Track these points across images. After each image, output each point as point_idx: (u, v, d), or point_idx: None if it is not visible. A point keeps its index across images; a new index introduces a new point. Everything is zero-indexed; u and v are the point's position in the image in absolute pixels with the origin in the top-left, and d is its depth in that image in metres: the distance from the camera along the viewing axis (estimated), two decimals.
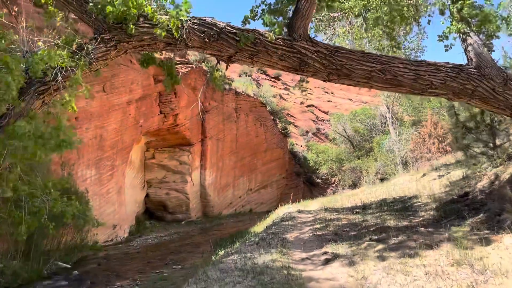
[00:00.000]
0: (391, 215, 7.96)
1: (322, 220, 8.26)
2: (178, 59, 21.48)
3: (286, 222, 8.66)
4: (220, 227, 21.09)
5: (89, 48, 4.92)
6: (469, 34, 6.21)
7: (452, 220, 6.40)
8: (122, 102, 17.21)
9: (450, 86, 6.05)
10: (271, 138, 33.02)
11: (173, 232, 19.07)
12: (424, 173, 14.78)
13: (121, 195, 17.62)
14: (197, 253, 13.48)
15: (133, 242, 16.41)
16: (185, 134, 21.62)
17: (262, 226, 12.31)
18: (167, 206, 22.55)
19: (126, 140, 17.74)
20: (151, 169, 22.23)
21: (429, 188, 10.38)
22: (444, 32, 6.21)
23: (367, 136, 34.43)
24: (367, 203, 10.78)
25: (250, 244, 6.43)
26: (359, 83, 6.04)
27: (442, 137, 21.87)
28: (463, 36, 6.22)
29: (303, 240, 6.46)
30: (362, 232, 6.38)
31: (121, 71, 17.17)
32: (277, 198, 33.73)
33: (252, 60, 5.58)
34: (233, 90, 28.06)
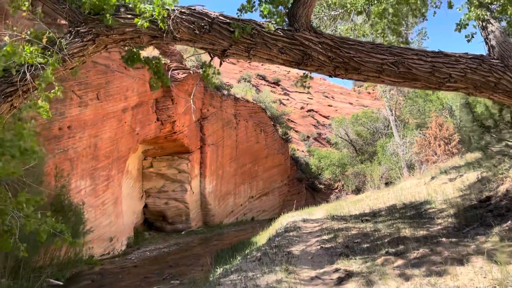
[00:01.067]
0: (405, 223, 7.30)
1: (330, 230, 7.62)
2: (174, 64, 20.95)
3: (291, 232, 8.01)
4: (221, 237, 20.39)
5: (63, 42, 4.31)
6: (489, 21, 5.61)
7: (475, 228, 5.76)
8: (117, 109, 16.64)
9: (470, 79, 5.44)
10: (271, 144, 32.40)
11: (173, 243, 18.37)
12: (433, 176, 14.14)
13: (118, 206, 16.97)
14: (197, 266, 12.81)
15: (130, 255, 15.73)
16: (183, 141, 21.01)
17: (265, 237, 11.64)
18: (166, 216, 21.88)
19: (122, 149, 17.13)
20: (149, 178, 21.59)
21: (442, 193, 9.73)
22: (462, 20, 5.61)
23: (370, 140, 33.79)
24: (376, 210, 10.12)
25: (251, 260, 5.79)
26: (369, 78, 5.43)
27: (448, 139, 21.25)
28: (483, 23, 5.62)
29: (311, 254, 5.82)
30: (376, 244, 5.73)
31: (116, 78, 16.62)
32: (280, 205, 33.03)
33: (249, 54, 4.97)
34: (232, 96, 27.51)
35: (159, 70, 5.12)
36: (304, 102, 57.51)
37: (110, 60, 16.48)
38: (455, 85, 5.49)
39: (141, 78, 18.37)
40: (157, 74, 5.10)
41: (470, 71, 5.38)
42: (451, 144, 20.90)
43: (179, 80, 20.19)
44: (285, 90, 58.75)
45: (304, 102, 57.39)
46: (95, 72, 15.56)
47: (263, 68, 64.70)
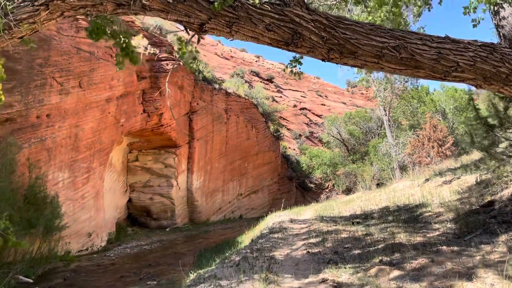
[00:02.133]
0: (399, 227, 6.74)
1: (318, 232, 7.03)
2: (163, 55, 20.22)
3: (276, 234, 7.38)
4: (207, 234, 19.76)
5: (8, 6, 3.63)
6: (502, 5, 5.04)
7: (478, 236, 5.19)
8: (101, 99, 15.90)
9: (480, 69, 4.85)
10: (262, 140, 31.78)
11: (156, 240, 17.70)
12: (427, 178, 13.61)
13: (99, 200, 16.24)
14: (178, 265, 12.10)
15: (110, 252, 15.03)
16: (170, 135, 20.30)
17: (249, 237, 11.04)
18: (151, 212, 21.18)
19: (105, 140, 16.40)
20: (134, 172, 20.86)
21: (438, 195, 9.19)
22: (471, 2, 5.04)
23: (363, 140, 33.31)
24: (367, 212, 9.56)
25: (229, 265, 5.17)
26: (367, 64, 4.81)
27: (442, 140, 20.80)
28: (495, 8, 5.04)
29: (295, 260, 5.22)
30: (369, 250, 5.14)
31: (100, 66, 15.88)
32: (269, 204, 32.46)
33: (231, 30, 4.32)
34: (223, 90, 26.81)
35: (127, 46, 4.47)
36: (297, 100, 56.96)
37: (95, 47, 15.73)
38: (462, 76, 4.90)
39: (128, 68, 17.58)
40: (124, 50, 4.44)
41: (479, 60, 4.80)
42: (445, 146, 20.46)
43: (168, 71, 19.45)
44: (278, 87, 58.12)
45: (297, 100, 56.84)
46: (78, 59, 14.82)
47: (257, 64, 64.02)
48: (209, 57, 49.45)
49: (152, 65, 19.36)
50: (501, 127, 6.46)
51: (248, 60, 63.80)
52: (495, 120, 6.51)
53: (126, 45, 4.36)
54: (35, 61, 12.99)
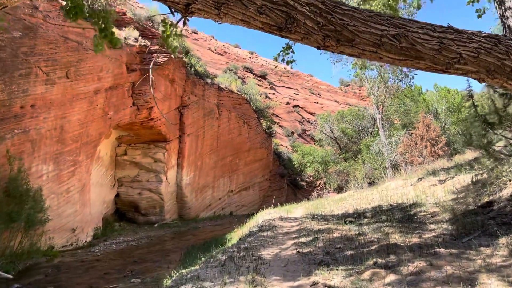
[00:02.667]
0: (393, 227, 6.48)
1: (309, 231, 6.75)
2: (155, 47, 19.79)
3: (265, 232, 7.07)
4: (195, 231, 19.43)
5: None
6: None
7: (477, 238, 4.94)
8: (89, 90, 15.46)
9: (483, 62, 4.58)
10: (254, 137, 31.46)
11: (143, 236, 17.33)
12: (420, 177, 13.41)
13: (85, 194, 15.83)
14: (164, 262, 11.84)
15: (95, 248, 14.64)
16: (160, 129, 19.90)
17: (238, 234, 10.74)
18: (139, 207, 20.78)
19: (92, 133, 15.97)
20: (123, 167, 20.44)
21: (432, 195, 8.97)
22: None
23: (355, 138, 33.14)
24: (360, 211, 9.30)
25: (214, 265, 4.87)
26: (365, 53, 4.51)
27: (435, 140, 20.66)
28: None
29: (284, 260, 4.92)
30: (362, 251, 4.87)
31: (89, 57, 15.43)
32: (260, 201, 32.19)
33: (220, 12, 3.98)
34: (215, 85, 26.42)
35: (107, 27, 4.10)
36: (290, 98, 56.71)
37: (83, 37, 15.29)
38: (464, 68, 4.62)
39: (117, 59, 17.19)
40: (103, 31, 4.08)
41: (484, 52, 4.52)
42: (437, 146, 20.32)
43: (159, 64, 19.05)
44: (271, 84, 57.83)
45: (290, 98, 56.59)
46: (65, 49, 14.36)
47: (250, 60, 63.62)
48: (202, 52, 48.95)
49: (142, 57, 18.92)
50: (500, 125, 6.22)
51: (242, 56, 63.40)
52: (494, 118, 6.26)
53: (105, 26, 4.01)
54: (19, 50, 12.54)
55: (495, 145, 6.40)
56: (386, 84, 22.87)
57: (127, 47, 17.90)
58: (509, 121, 6.23)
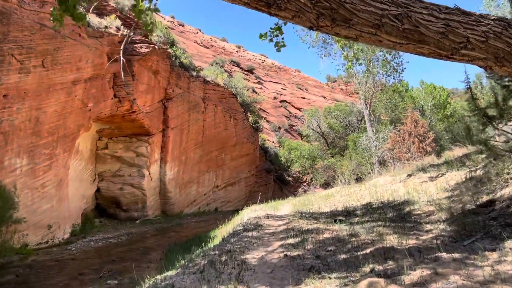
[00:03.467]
0: (387, 227, 6.06)
1: (297, 231, 6.29)
2: (138, 37, 19.07)
3: (250, 232, 6.57)
4: (179, 227, 18.87)
5: None
6: None
7: (479, 241, 4.54)
8: (67, 81, 14.73)
9: (492, 47, 4.15)
10: (241, 132, 30.93)
11: (124, 233, 16.70)
12: (409, 173, 13.10)
13: (62, 189, 15.13)
14: (144, 261, 11.29)
15: (72, 245, 13.99)
16: (143, 122, 19.22)
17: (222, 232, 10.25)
18: (120, 203, 20.11)
19: (71, 125, 15.25)
20: (104, 161, 19.71)
21: (424, 192, 8.61)
22: None
23: (342, 134, 32.88)
24: (350, 208, 8.89)
25: (192, 271, 4.36)
26: (362, 35, 4.04)
27: (423, 136, 20.46)
28: None
29: (271, 265, 4.46)
30: (356, 255, 4.43)
31: (67, 45, 14.68)
32: (246, 196, 31.75)
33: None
34: (201, 78, 25.76)
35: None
36: (278, 92, 56.26)
37: None
38: (472, 54, 4.19)
39: (98, 49, 16.45)
40: (64, 3, 3.50)
41: (493, 36, 4.09)
42: (425, 142, 20.12)
43: (142, 54, 18.35)
44: (259, 78, 57.26)
45: (277, 92, 56.13)
46: (41, 36, 13.60)
47: (237, 54, 62.91)
48: (188, 45, 48.09)
49: (125, 47, 18.17)
50: (501, 119, 5.83)
51: (229, 50, 62.63)
52: (494, 111, 5.88)
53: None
54: None
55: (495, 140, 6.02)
56: (375, 79, 22.55)
57: (108, 36, 17.14)
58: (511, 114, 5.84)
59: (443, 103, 33.69)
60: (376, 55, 21.39)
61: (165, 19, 54.20)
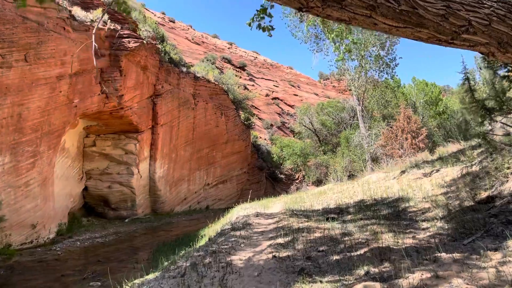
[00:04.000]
0: (381, 225, 5.77)
1: (287, 229, 5.98)
2: (125, 32, 18.60)
3: (238, 231, 6.22)
4: (169, 226, 18.50)
5: None
6: None
7: (480, 239, 4.27)
8: (51, 76, 14.27)
9: (495, 31, 3.86)
10: (232, 129, 30.57)
11: (112, 232, 16.30)
12: (403, 170, 12.86)
13: (47, 187, 14.67)
14: (131, 262, 10.90)
15: (57, 245, 13.56)
16: (131, 119, 18.78)
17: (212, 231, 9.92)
18: (109, 201, 19.67)
19: (55, 122, 14.78)
20: (91, 159, 19.25)
21: (420, 189, 8.35)
22: None
23: (335, 130, 32.64)
24: (342, 206, 8.60)
25: (173, 275, 4.02)
26: (356, 17, 3.73)
27: (416, 132, 20.27)
28: None
29: (258, 267, 4.14)
30: (349, 256, 4.12)
31: (51, 39, 14.23)
32: (237, 194, 31.40)
33: None
34: (191, 74, 25.34)
35: None
36: (270, 89, 55.93)
37: (45, 17, 14.07)
38: (473, 39, 3.89)
39: (83, 43, 15.97)
40: None
41: (496, 19, 3.80)
42: (418, 138, 19.94)
43: (129, 49, 17.90)
44: (251, 75, 56.87)
45: (269, 89, 55.81)
46: (23, 29, 13.14)
47: (229, 51, 62.44)
48: (179, 41, 47.56)
49: (112, 42, 17.72)
50: (501, 111, 5.56)
51: (220, 47, 62.13)
52: (494, 103, 5.60)
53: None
54: None
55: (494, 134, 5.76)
56: (367, 75, 22.32)
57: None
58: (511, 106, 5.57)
59: (435, 99, 33.63)
60: (369, 50, 21.14)
61: (155, 15, 53.57)
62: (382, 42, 20.84)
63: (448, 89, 61.28)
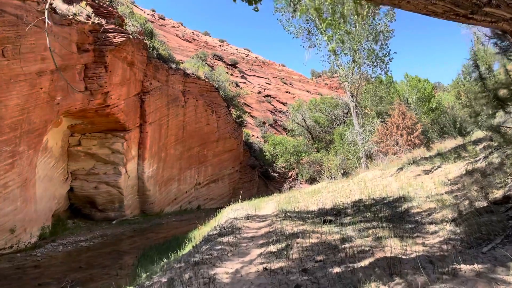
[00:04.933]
0: (384, 228, 5.21)
1: (280, 235, 5.39)
2: (111, 26, 17.87)
3: (225, 237, 5.58)
4: (158, 228, 17.83)
5: None
6: None
7: (501, 246, 3.72)
8: (31, 72, 13.53)
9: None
10: (224, 126, 29.92)
11: (98, 235, 15.60)
12: (400, 167, 12.34)
13: (28, 189, 13.95)
14: (114, 268, 10.24)
15: (39, 250, 12.86)
16: (118, 117, 18.08)
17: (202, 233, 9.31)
18: (96, 203, 18.95)
19: (36, 120, 14.05)
20: (77, 158, 18.51)
21: (421, 187, 7.81)
22: None
23: (328, 127, 32.13)
24: (339, 206, 8.04)
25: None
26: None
27: (411, 128, 19.79)
28: None
29: (246, 283, 3.54)
30: (352, 268, 3.56)
31: (30, 33, 13.46)
32: (229, 193, 30.80)
33: None
34: (181, 71, 24.64)
35: None
36: (262, 87, 55.30)
37: (24, 10, 13.35)
38: (496, 13, 3.31)
39: (66, 38, 15.28)
40: None
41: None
42: (414, 134, 19.46)
43: (115, 44, 17.17)
44: (242, 73, 56.18)
45: (261, 87, 55.18)
46: (1, 23, 12.40)
47: (220, 48, 61.67)
48: (169, 38, 46.72)
49: (96, 36, 16.98)
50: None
51: (212, 44, 61.33)
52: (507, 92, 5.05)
53: None
54: None
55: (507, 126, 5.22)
56: (360, 70, 21.81)
57: (77, 24, 15.94)
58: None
59: (428, 96, 33.26)
60: (362, 45, 20.60)
61: (145, 12, 52.65)
62: (376, 36, 20.31)
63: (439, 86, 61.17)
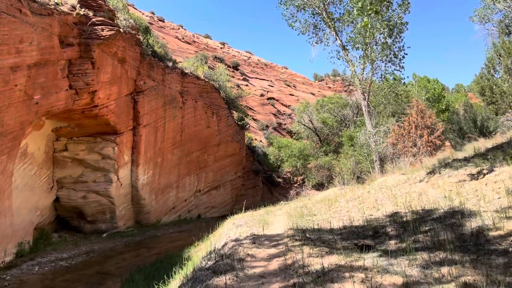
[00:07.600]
0: (461, 264, 3.42)
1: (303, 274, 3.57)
2: (99, 19, 16.17)
3: (222, 276, 3.73)
4: (153, 241, 16.04)
5: None
6: None
7: None
8: (3, 66, 11.82)
9: None
10: (225, 129, 28.13)
11: (83, 251, 13.81)
12: (430, 170, 10.50)
13: (2, 201, 12.20)
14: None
15: (11, 271, 11.07)
16: (108, 118, 16.33)
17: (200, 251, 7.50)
18: (84, 214, 17.18)
19: (10, 122, 12.32)
20: (63, 165, 16.78)
21: (478, 197, 6.01)
22: None
23: (337, 129, 30.24)
24: (372, 222, 6.23)
25: None
26: None
27: (431, 128, 17.97)
28: None
29: None
30: None
31: (3, 23, 11.78)
32: (232, 201, 28.97)
33: None
34: (178, 70, 22.92)
35: None
36: (265, 89, 53.57)
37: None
38: None
39: (46, 29, 13.56)
40: None
41: None
42: (434, 134, 17.64)
43: (103, 38, 15.48)
44: (244, 75, 54.49)
45: (264, 89, 53.45)
46: None
47: (221, 51, 60.07)
48: (169, 40, 45.16)
49: (82, 29, 15.28)
50: None
51: (212, 46, 59.75)
52: None
53: None
54: None
55: None
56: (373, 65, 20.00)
57: (59, 15, 14.25)
58: None
59: (438, 96, 31.58)
60: (375, 38, 18.82)
61: (144, 14, 51.19)
62: (391, 29, 18.51)
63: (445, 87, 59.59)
